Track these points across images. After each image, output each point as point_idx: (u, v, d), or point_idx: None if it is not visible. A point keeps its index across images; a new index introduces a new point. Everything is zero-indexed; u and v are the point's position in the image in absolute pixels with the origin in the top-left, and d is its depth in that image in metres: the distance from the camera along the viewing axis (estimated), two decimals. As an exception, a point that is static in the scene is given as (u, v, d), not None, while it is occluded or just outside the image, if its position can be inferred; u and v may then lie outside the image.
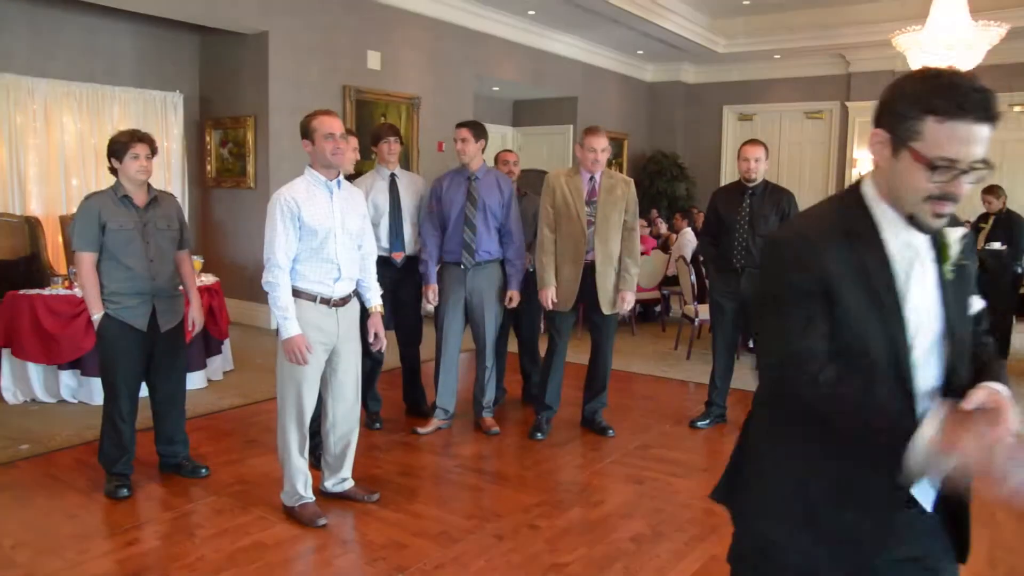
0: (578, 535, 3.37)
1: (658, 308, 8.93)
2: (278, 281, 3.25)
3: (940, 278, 1.40)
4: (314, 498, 3.50)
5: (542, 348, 4.97)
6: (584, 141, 4.43)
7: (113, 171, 3.69)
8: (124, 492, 3.66)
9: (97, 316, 3.60)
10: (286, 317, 3.25)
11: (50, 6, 6.84)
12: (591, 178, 4.48)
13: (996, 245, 6.97)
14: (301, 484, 3.45)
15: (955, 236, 1.39)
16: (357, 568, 3.05)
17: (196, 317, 3.95)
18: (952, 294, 1.41)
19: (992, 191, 7.32)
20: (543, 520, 3.51)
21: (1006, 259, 6.99)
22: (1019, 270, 7.18)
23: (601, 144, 4.39)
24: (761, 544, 1.52)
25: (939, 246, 1.40)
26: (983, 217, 7.38)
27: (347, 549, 3.21)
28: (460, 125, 4.58)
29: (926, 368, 1.41)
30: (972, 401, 1.30)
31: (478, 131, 4.53)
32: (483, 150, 4.57)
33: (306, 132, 3.33)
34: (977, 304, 1.45)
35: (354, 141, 4.42)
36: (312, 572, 3.02)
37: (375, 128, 4.66)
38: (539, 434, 4.60)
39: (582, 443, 4.54)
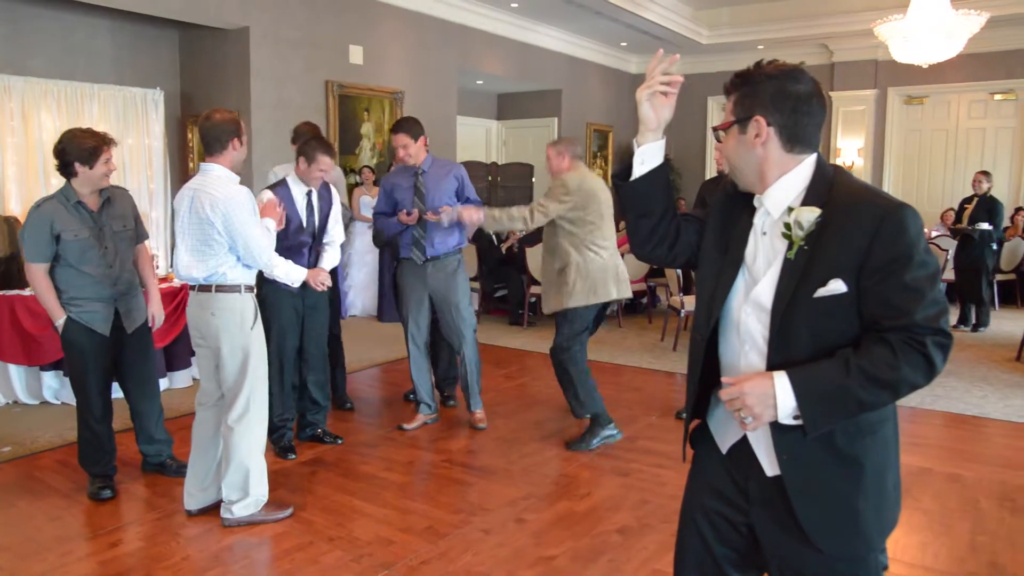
0: (565, 528, 3.37)
1: (644, 300, 8.94)
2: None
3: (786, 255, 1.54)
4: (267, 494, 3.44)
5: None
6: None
7: (67, 173, 3.50)
8: (107, 493, 3.63)
9: (60, 321, 3.53)
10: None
11: (27, 2, 6.75)
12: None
13: (984, 225, 7.77)
14: (266, 484, 3.40)
15: (805, 216, 1.50)
16: (343, 565, 3.04)
17: (156, 312, 3.90)
18: (789, 272, 1.51)
19: (984, 174, 8.06)
20: (530, 513, 3.51)
21: (988, 238, 7.84)
22: (995, 247, 8.08)
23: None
24: None
25: (787, 224, 1.52)
26: (969, 199, 8.15)
27: (333, 546, 3.19)
28: (396, 131, 4.43)
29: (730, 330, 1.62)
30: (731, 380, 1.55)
31: (415, 130, 4.42)
32: (425, 143, 4.49)
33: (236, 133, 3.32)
34: (834, 287, 1.46)
35: None
36: (298, 570, 3.01)
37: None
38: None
39: (568, 436, 4.54)
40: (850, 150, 12.17)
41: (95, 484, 3.66)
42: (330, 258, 4.20)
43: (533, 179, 11.98)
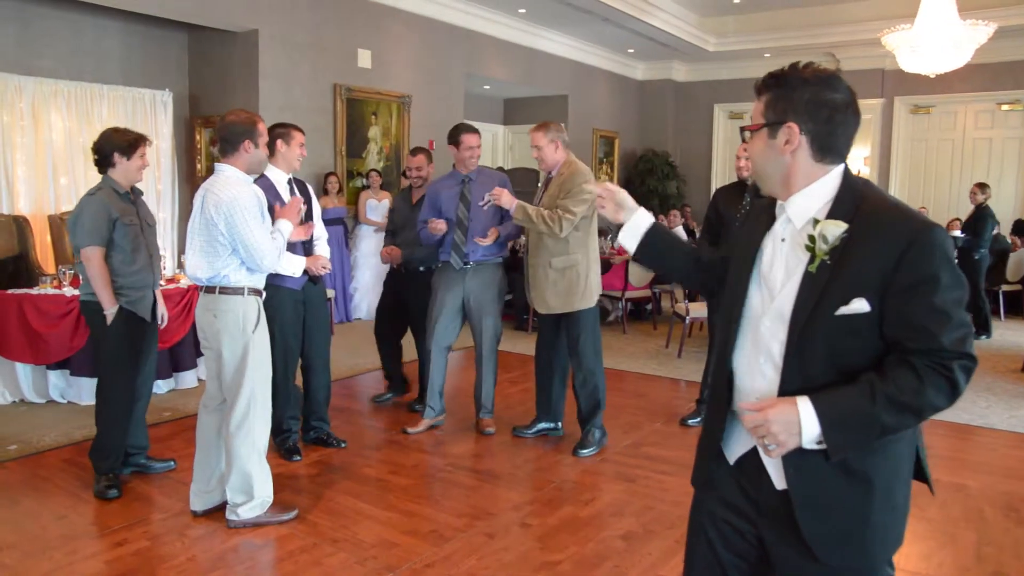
0: (569, 533, 3.37)
1: (649, 306, 8.95)
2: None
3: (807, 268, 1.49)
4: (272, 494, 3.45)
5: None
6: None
7: (105, 166, 3.63)
8: (114, 493, 3.64)
9: (112, 310, 3.58)
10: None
11: (38, 3, 6.80)
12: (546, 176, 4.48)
13: (957, 233, 8.34)
14: (270, 486, 3.42)
15: (831, 230, 1.45)
16: (347, 567, 3.04)
17: (164, 312, 4.00)
18: (809, 286, 1.47)
19: (979, 186, 8.41)
20: (534, 518, 3.52)
21: (963, 246, 8.19)
22: (976, 257, 8.21)
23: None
24: None
25: (811, 237, 1.47)
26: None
27: (338, 548, 3.20)
28: (469, 132, 4.57)
29: (742, 341, 1.60)
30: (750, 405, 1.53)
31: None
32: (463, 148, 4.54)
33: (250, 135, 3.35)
34: (857, 306, 1.42)
35: None
36: (302, 571, 3.01)
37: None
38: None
39: (573, 442, 4.54)
40: (856, 159, 12.17)
41: (102, 483, 3.67)
42: (322, 251, 4.19)
43: (539, 184, 12.00)
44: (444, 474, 4.10)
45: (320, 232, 4.22)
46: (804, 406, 1.42)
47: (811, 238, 1.46)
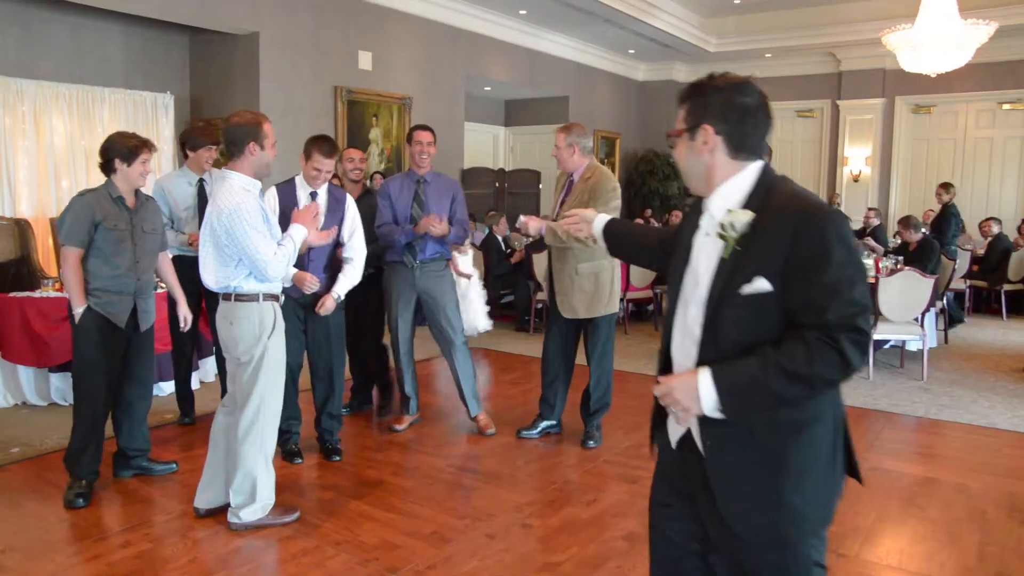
0: (571, 534, 3.37)
1: (650, 307, 8.95)
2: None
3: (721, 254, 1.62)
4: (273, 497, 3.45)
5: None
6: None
7: (108, 170, 3.64)
8: (81, 502, 3.57)
9: (80, 309, 3.57)
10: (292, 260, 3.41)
11: (39, 7, 6.81)
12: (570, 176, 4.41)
13: (923, 231, 8.61)
14: (272, 489, 3.42)
15: (739, 219, 1.58)
16: (349, 569, 3.05)
17: (187, 314, 3.99)
18: (722, 271, 1.60)
19: (944, 186, 8.78)
20: (535, 519, 3.52)
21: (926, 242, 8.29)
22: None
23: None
24: None
25: (722, 225, 1.60)
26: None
27: (340, 550, 3.20)
28: (424, 129, 4.57)
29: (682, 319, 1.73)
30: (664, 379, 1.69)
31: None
32: None
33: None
34: (759, 285, 1.54)
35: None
36: (305, 573, 3.01)
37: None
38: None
39: (574, 442, 4.55)
40: (857, 159, 12.17)
41: (73, 489, 3.61)
42: (349, 277, 4.10)
43: (540, 185, 12.00)
44: (445, 475, 4.10)
45: (353, 250, 4.14)
46: (703, 375, 1.58)
47: (723, 226, 1.59)
